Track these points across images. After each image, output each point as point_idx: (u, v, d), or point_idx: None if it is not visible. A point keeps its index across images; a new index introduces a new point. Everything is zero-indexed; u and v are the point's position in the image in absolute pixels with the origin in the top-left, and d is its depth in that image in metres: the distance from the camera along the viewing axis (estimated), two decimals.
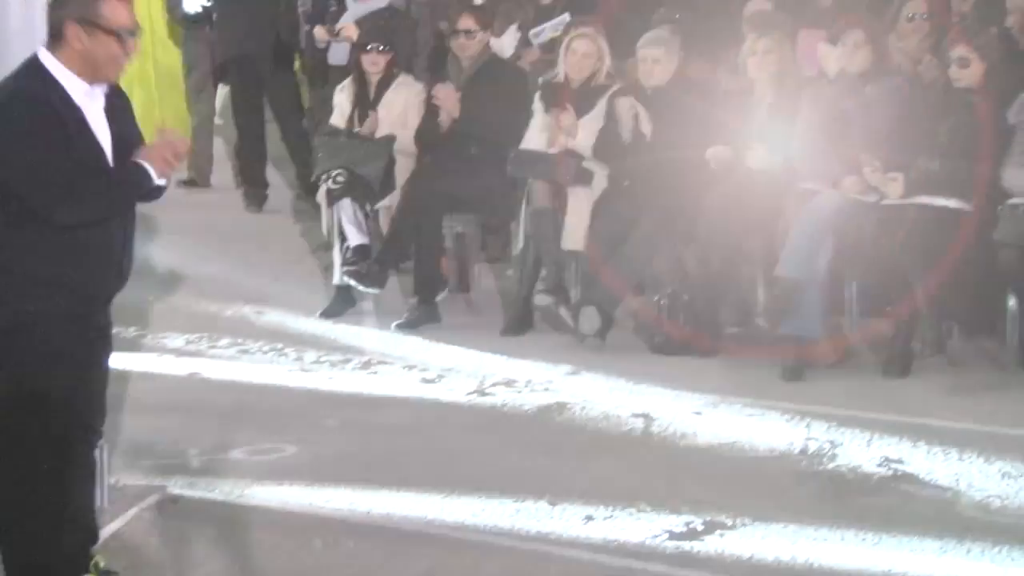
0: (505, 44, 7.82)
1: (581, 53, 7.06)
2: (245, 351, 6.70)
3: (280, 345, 6.77)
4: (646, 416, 5.84)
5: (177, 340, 6.77)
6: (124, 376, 6.14)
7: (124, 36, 3.88)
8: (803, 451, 5.46)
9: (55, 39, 3.87)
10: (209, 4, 9.23)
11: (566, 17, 7.68)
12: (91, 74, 3.88)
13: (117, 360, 6.11)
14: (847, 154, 6.41)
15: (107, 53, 3.86)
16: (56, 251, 3.87)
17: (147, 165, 3.91)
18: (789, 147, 6.57)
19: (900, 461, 5.31)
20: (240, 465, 5.35)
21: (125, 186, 3.94)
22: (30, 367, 3.91)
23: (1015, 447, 5.36)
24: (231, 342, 6.79)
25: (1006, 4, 7.04)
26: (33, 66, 3.88)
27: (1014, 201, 6.15)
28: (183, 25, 9.35)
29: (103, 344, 4.10)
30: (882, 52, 6.60)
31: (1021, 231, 6.08)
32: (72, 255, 3.89)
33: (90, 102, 3.90)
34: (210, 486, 5.13)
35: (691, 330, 6.64)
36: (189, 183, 9.61)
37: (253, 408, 5.97)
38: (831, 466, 5.32)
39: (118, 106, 3.99)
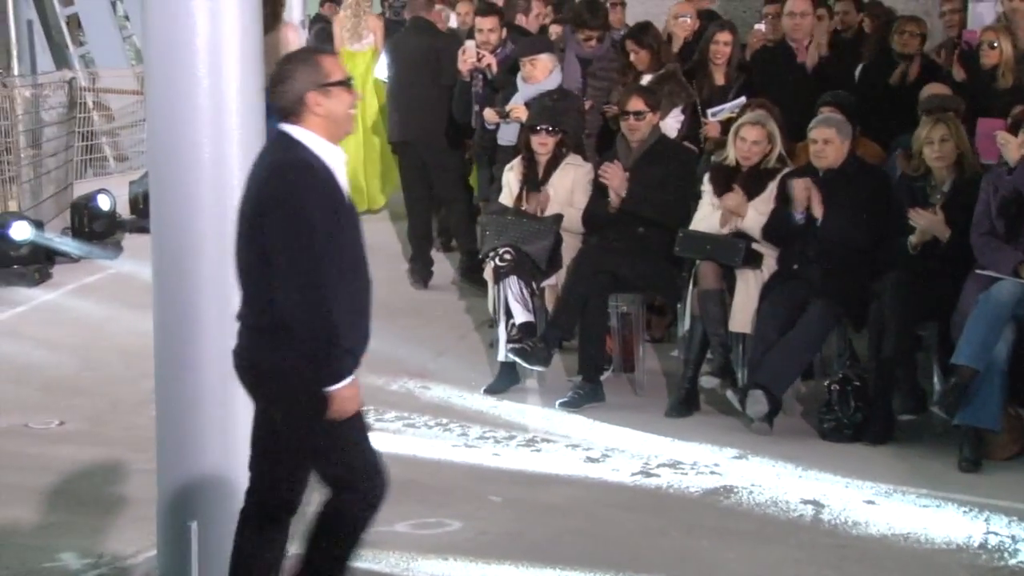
0: (669, 125, 7.83)
1: (751, 140, 7.03)
2: (411, 425, 6.75)
3: (445, 420, 6.81)
4: (816, 503, 5.71)
5: None
6: None
7: (350, 85, 4.07)
8: (982, 545, 5.28)
9: (294, 115, 4.00)
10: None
11: (743, 100, 7.66)
12: (336, 133, 4.05)
13: None
14: None
15: (343, 106, 4.04)
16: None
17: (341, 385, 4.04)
18: (965, 234, 6.43)
19: None
20: (405, 538, 5.36)
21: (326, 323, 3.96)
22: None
23: None
24: (397, 416, 6.84)
25: None
26: (290, 142, 3.99)
27: None
28: None
29: None
30: None
31: None
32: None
33: (341, 170, 4.03)
34: (376, 558, 5.14)
35: (863, 417, 6.49)
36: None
37: (418, 482, 5.98)
38: (1013, 562, 5.13)
39: None
